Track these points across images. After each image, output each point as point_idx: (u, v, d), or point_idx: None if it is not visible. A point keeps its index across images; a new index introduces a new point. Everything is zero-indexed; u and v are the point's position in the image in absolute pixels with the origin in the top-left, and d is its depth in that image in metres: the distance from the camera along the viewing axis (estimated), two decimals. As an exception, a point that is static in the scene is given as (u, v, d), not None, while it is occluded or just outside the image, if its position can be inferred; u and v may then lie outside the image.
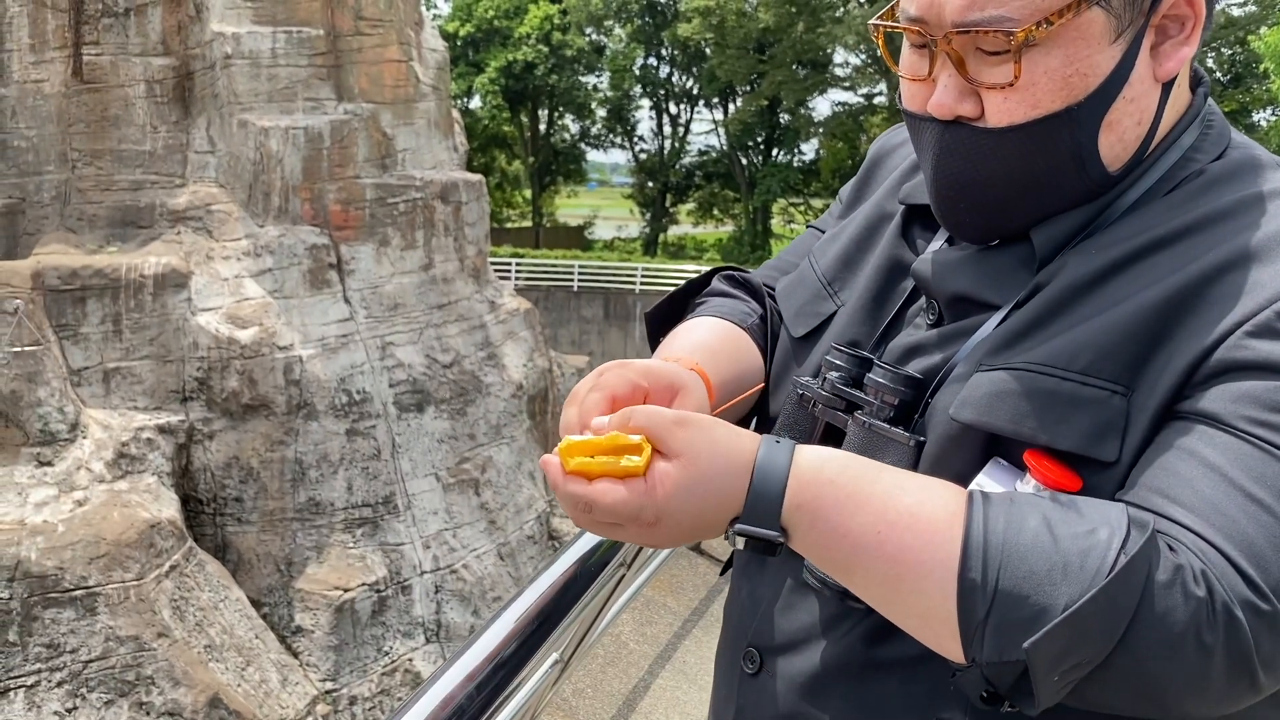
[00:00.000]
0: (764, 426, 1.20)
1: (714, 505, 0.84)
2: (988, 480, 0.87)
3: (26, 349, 12.71)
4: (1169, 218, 0.91)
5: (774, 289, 1.27)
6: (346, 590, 13.68)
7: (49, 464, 12.37)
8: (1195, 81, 1.00)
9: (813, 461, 0.84)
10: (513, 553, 15.71)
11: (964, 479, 0.88)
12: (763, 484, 0.83)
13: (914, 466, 0.92)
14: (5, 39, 15.12)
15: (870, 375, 0.98)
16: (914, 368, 0.98)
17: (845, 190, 1.30)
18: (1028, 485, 0.85)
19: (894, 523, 0.81)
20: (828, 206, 1.45)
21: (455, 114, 19.11)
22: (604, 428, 0.87)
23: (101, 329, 13.48)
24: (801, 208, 37.95)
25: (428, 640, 14.38)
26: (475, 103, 37.48)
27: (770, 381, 1.18)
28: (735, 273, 1.31)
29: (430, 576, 14.63)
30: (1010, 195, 0.95)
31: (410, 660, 14.02)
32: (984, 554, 0.77)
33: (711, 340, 1.15)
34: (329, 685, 13.30)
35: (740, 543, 0.85)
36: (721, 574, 1.06)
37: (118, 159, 15.04)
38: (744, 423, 1.23)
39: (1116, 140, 0.93)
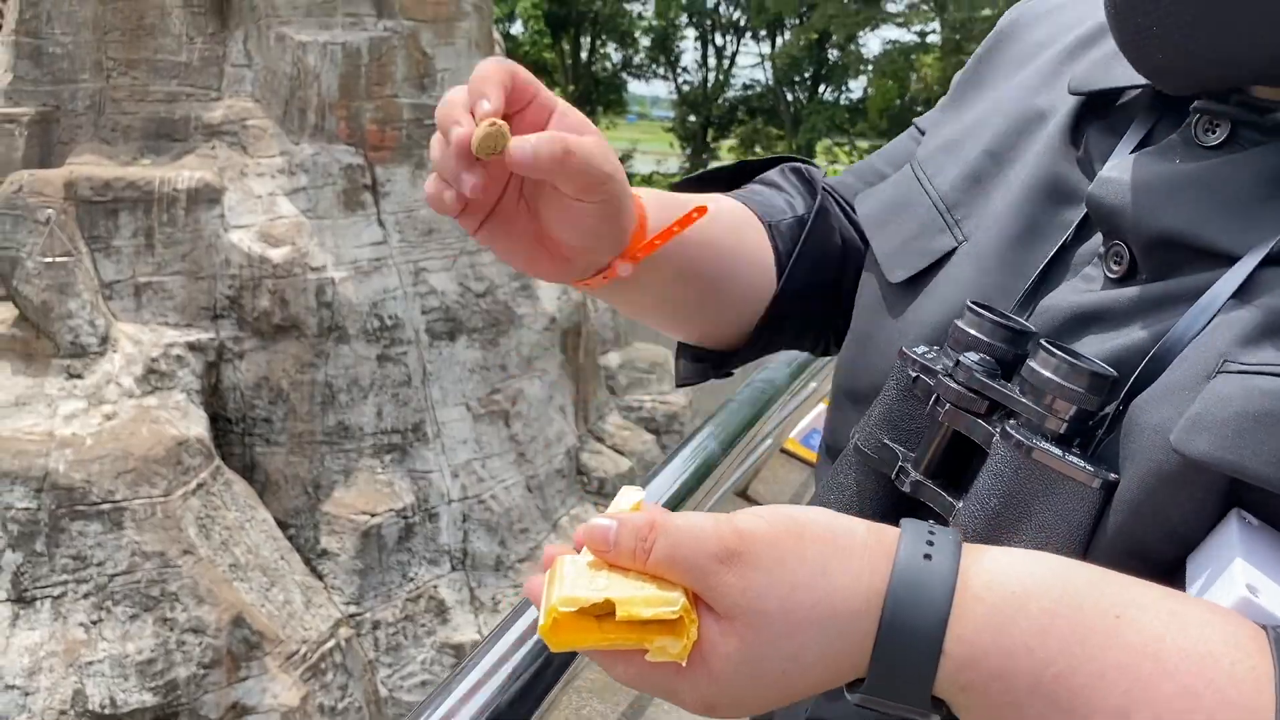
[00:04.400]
0: (840, 404, 0.81)
1: (802, 675, 0.48)
2: (1250, 569, 0.48)
3: (58, 260, 12.58)
4: None
5: (846, 200, 0.91)
6: (373, 515, 13.63)
7: (78, 376, 12.30)
8: None
9: (994, 611, 0.46)
10: (541, 486, 15.60)
11: (1179, 540, 0.53)
12: (898, 649, 0.46)
13: (1097, 519, 0.55)
14: (41, -59, 14.78)
15: (1031, 363, 0.58)
16: (1090, 349, 0.59)
17: (960, 77, 0.89)
18: None
19: None
20: (875, 149, 1.03)
21: (496, 35, 18.62)
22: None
23: (133, 242, 13.32)
24: (846, 148, 37.12)
25: (453, 568, 14.34)
26: (517, 28, 36.79)
27: (853, 342, 0.80)
28: (802, 165, 0.95)
29: (458, 505, 14.56)
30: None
31: (435, 587, 13.99)
32: None
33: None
34: (353, 609, 13.30)
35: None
36: None
37: (153, 69, 14.76)
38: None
39: None
